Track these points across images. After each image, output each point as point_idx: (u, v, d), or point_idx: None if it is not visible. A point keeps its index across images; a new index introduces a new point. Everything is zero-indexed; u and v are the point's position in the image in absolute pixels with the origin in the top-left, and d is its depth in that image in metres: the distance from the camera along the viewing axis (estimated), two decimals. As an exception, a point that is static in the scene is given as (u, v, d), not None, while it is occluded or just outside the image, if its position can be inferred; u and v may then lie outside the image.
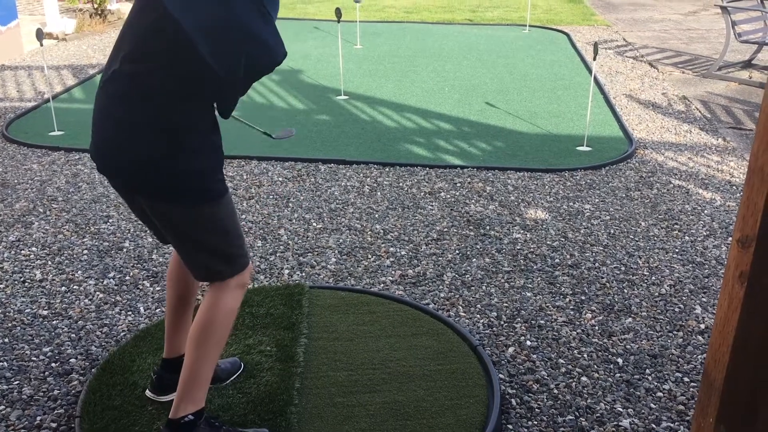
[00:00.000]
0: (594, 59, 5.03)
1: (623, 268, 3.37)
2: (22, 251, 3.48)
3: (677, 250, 3.56)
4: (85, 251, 3.49)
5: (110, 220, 3.82)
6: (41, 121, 5.38)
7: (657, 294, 3.15)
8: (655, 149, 4.96)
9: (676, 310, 3.03)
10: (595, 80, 6.22)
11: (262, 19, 1.83)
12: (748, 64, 7.06)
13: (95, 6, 8.98)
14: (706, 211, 4.00)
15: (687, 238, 3.69)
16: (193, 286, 2.28)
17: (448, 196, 4.18)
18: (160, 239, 2.19)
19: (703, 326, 2.92)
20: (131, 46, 1.86)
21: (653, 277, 3.29)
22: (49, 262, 3.38)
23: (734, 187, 4.33)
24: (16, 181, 4.34)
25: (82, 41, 8.21)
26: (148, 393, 2.34)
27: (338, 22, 6.28)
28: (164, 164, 1.90)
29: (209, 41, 1.77)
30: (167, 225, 2.00)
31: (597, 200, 4.13)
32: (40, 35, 4.95)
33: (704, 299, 3.12)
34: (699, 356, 2.73)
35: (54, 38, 8.09)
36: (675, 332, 2.88)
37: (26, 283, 3.20)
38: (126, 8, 9.51)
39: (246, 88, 1.91)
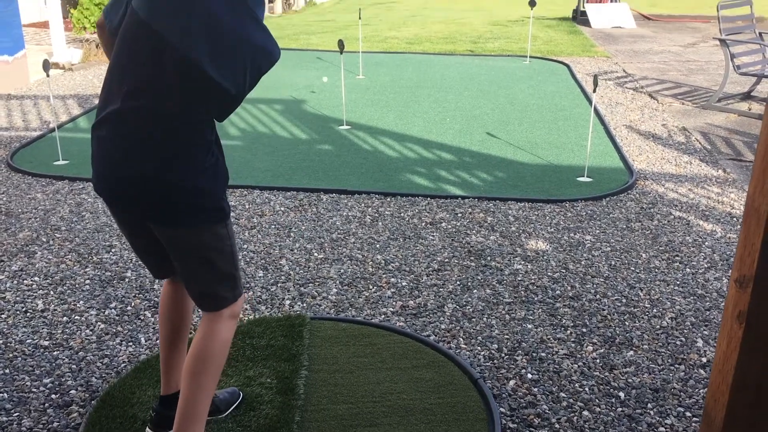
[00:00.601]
0: (594, 91, 5.08)
1: (624, 300, 3.37)
2: (25, 281, 3.49)
3: (678, 282, 3.56)
4: (88, 281, 3.50)
5: (113, 250, 3.83)
6: (46, 151, 5.42)
7: (658, 327, 3.15)
8: (655, 180, 4.98)
9: (678, 343, 3.03)
10: (596, 111, 6.28)
11: (256, 25, 1.86)
12: (747, 96, 7.12)
13: (101, 36, 9.08)
14: (707, 243, 4.01)
15: (688, 270, 3.70)
16: (187, 319, 2.28)
17: (449, 226, 4.19)
18: (156, 273, 2.20)
19: (704, 360, 2.92)
20: (133, 80, 1.85)
21: (654, 310, 3.29)
22: (52, 292, 3.38)
23: (735, 219, 4.34)
24: (20, 210, 4.36)
25: (88, 71, 8.30)
26: (148, 431, 2.33)
27: (341, 53, 6.36)
28: (176, 185, 1.91)
29: (217, 63, 1.80)
30: (179, 250, 2.00)
31: (598, 231, 4.14)
32: (46, 66, 5.02)
33: (706, 332, 3.12)
34: (701, 390, 2.72)
35: (60, 68, 8.19)
36: (677, 366, 2.87)
37: (28, 313, 3.20)
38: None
39: (247, 94, 1.96)
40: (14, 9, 7.25)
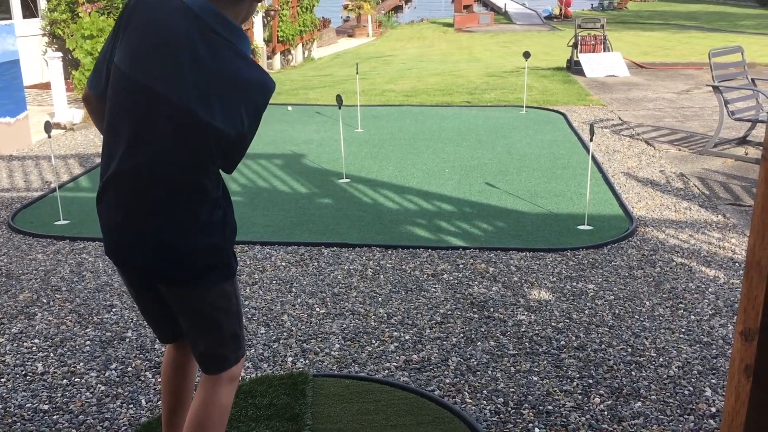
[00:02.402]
0: (591, 140, 5.13)
1: (630, 350, 3.33)
2: (25, 343, 3.46)
3: (683, 330, 3.53)
4: (88, 342, 3.47)
5: (113, 310, 3.81)
6: (47, 211, 5.45)
7: (665, 376, 3.11)
8: (655, 227, 4.98)
9: (686, 392, 2.99)
10: (593, 159, 6.32)
11: (243, 61, 1.82)
12: (743, 141, 7.18)
13: (103, 96, 9.23)
14: (710, 289, 3.99)
15: (693, 317, 3.67)
16: (190, 384, 2.24)
17: (451, 278, 4.18)
18: (162, 337, 2.18)
19: (713, 409, 2.87)
20: (128, 138, 1.81)
21: (661, 359, 3.25)
22: (51, 354, 3.35)
23: (737, 264, 4.33)
24: (20, 271, 4.35)
25: (89, 130, 8.39)
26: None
27: (339, 108, 6.44)
28: (181, 244, 1.88)
29: (209, 107, 1.76)
30: (186, 309, 1.97)
31: (600, 279, 4.13)
32: (48, 128, 5.08)
33: (714, 381, 3.07)
34: (712, 441, 2.67)
35: (62, 128, 8.29)
36: (686, 416, 2.82)
37: (28, 377, 3.16)
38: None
39: (252, 137, 1.90)
40: (17, 72, 7.37)
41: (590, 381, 3.07)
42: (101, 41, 8.73)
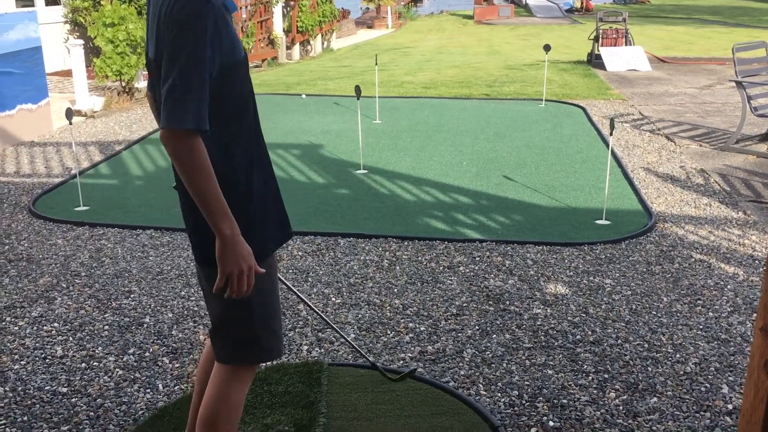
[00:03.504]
0: (611, 134, 5.09)
1: (646, 345, 3.32)
2: (44, 327, 3.51)
3: (701, 327, 3.50)
4: (106, 327, 3.51)
5: (132, 296, 3.85)
6: (67, 197, 5.50)
7: (682, 372, 3.09)
8: (675, 223, 4.94)
9: (702, 389, 2.97)
10: (613, 154, 6.27)
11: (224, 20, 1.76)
12: (765, 137, 7.09)
13: (123, 84, 9.29)
14: (729, 286, 3.95)
15: (711, 314, 3.64)
16: None
17: (467, 270, 4.17)
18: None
19: (730, 407, 2.85)
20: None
21: (678, 355, 3.23)
22: (71, 338, 3.39)
23: (757, 261, 4.28)
24: (40, 256, 4.41)
25: (109, 118, 8.46)
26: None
27: (358, 99, 6.44)
28: (199, 216, 1.81)
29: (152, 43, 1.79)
30: (204, 290, 1.97)
31: (617, 275, 4.10)
32: (69, 115, 5.12)
33: (731, 378, 3.05)
34: (728, 439, 2.65)
35: (83, 115, 8.36)
36: (702, 413, 2.80)
37: (47, 360, 3.21)
38: (153, 86, 9.82)
39: (170, 55, 1.70)
40: (39, 59, 7.43)
41: (606, 376, 3.06)
42: (122, 29, 8.78)
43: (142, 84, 9.69)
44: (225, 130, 1.81)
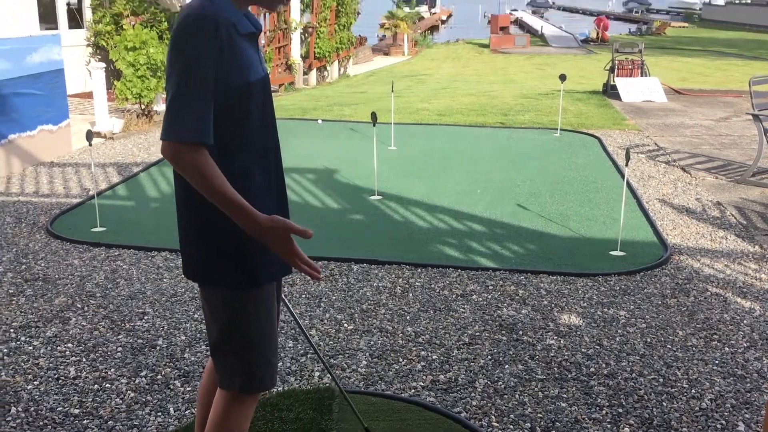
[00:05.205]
0: (626, 165, 5.08)
1: (661, 380, 3.28)
2: (59, 347, 3.53)
3: (717, 362, 3.46)
4: (120, 348, 3.52)
5: (145, 317, 3.86)
6: (85, 217, 5.55)
7: (698, 408, 3.05)
8: (690, 255, 4.91)
9: (718, 426, 2.92)
10: (628, 184, 6.26)
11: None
12: (782, 170, 7.05)
13: (142, 107, 9.41)
14: (745, 321, 3.91)
15: (727, 349, 3.60)
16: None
17: (480, 299, 4.16)
18: None
19: (747, 444, 2.80)
20: None
21: (693, 390, 3.19)
22: (84, 359, 3.41)
23: (774, 296, 4.24)
24: (57, 276, 4.44)
25: (128, 140, 8.56)
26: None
27: (374, 125, 6.48)
28: (189, 226, 1.87)
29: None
30: (203, 311, 1.97)
31: (632, 307, 4.07)
32: (90, 136, 5.19)
33: (747, 415, 3.01)
34: (744, 477, 2.60)
35: (102, 137, 8.46)
36: (718, 450, 2.76)
37: (60, 381, 3.22)
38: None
39: (175, 75, 1.75)
40: (61, 81, 7.56)
41: (620, 410, 3.02)
42: (143, 53, 8.92)
43: (161, 107, 9.81)
44: (231, 148, 1.83)
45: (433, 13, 54.21)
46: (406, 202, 6.11)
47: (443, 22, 56.39)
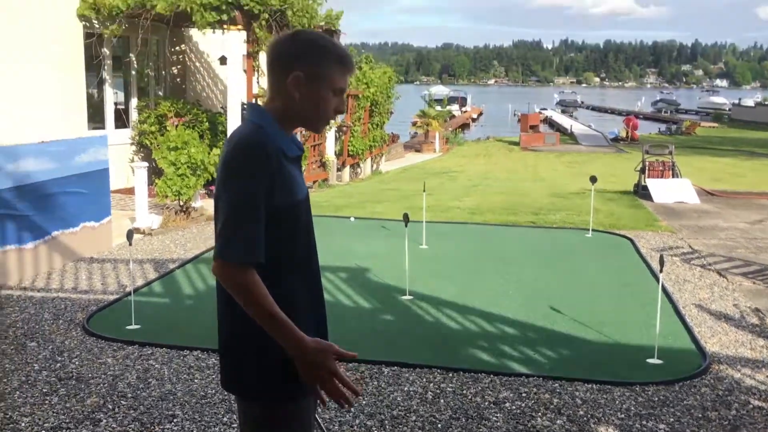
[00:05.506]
0: (660, 271, 5.04)
1: (705, 501, 3.14)
2: (88, 449, 3.52)
3: (763, 482, 3.31)
4: (148, 452, 3.49)
5: (175, 420, 3.85)
6: (120, 314, 5.63)
7: None
8: (730, 365, 4.78)
9: None
10: (663, 289, 6.18)
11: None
12: (822, 276, 6.92)
13: (181, 203, 9.68)
14: (791, 438, 3.76)
15: (773, 468, 3.44)
16: None
17: (514, 407, 4.07)
18: None
19: None
20: None
21: None
22: (112, 463, 3.38)
23: (821, 411, 4.08)
24: (90, 375, 4.47)
25: (166, 236, 8.76)
26: None
27: (406, 226, 6.56)
28: (226, 336, 1.96)
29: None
30: (239, 420, 2.00)
31: (672, 419, 3.94)
32: (130, 236, 5.35)
33: None
34: None
35: (141, 233, 8.68)
36: None
37: (88, 485, 3.19)
38: (208, 205, 10.20)
39: (226, 200, 1.85)
40: (106, 179, 7.84)
41: None
42: (184, 153, 9.25)
43: (198, 204, 10.08)
44: (279, 268, 1.91)
45: (464, 112, 55.55)
46: (438, 303, 6.10)
47: (474, 120, 57.65)
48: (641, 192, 12.66)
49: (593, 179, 9.59)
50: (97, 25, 11.73)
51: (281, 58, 1.92)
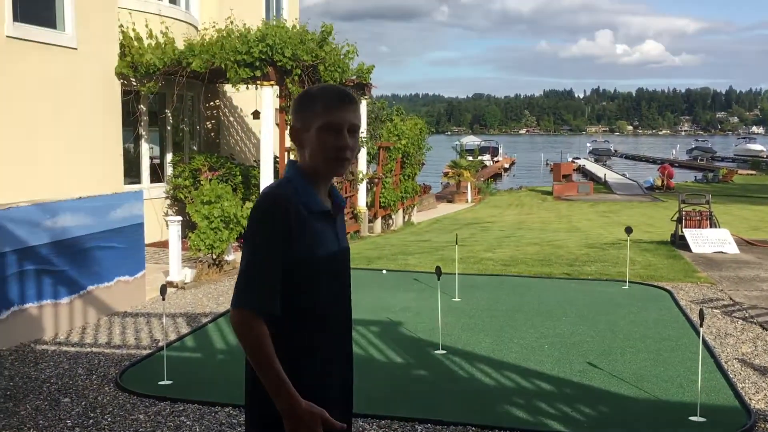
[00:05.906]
0: (701, 325, 4.90)
1: None
2: None
3: None
4: None
5: (205, 479, 3.79)
6: (153, 370, 5.63)
7: None
8: (778, 424, 4.57)
9: None
10: (704, 343, 6.00)
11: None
12: None
13: (214, 256, 9.76)
14: None
15: None
16: None
17: (551, 468, 3.93)
18: None
19: None
20: None
21: None
22: None
23: None
24: None
25: (198, 289, 8.81)
26: None
27: (438, 279, 6.51)
28: (250, 398, 2.03)
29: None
30: None
31: (718, 483, 3.77)
32: (163, 291, 5.39)
33: None
34: None
35: (174, 286, 8.75)
36: None
37: None
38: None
39: (249, 255, 1.96)
40: (140, 234, 7.97)
41: None
42: (218, 206, 9.38)
43: (231, 257, 10.15)
44: (296, 320, 1.96)
45: (496, 162, 55.65)
46: (472, 358, 5.99)
47: (506, 170, 57.68)
48: (678, 242, 12.42)
49: (629, 230, 9.44)
50: (134, 82, 12.09)
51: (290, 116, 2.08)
